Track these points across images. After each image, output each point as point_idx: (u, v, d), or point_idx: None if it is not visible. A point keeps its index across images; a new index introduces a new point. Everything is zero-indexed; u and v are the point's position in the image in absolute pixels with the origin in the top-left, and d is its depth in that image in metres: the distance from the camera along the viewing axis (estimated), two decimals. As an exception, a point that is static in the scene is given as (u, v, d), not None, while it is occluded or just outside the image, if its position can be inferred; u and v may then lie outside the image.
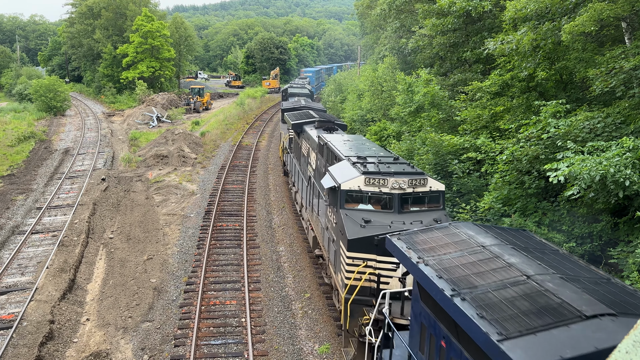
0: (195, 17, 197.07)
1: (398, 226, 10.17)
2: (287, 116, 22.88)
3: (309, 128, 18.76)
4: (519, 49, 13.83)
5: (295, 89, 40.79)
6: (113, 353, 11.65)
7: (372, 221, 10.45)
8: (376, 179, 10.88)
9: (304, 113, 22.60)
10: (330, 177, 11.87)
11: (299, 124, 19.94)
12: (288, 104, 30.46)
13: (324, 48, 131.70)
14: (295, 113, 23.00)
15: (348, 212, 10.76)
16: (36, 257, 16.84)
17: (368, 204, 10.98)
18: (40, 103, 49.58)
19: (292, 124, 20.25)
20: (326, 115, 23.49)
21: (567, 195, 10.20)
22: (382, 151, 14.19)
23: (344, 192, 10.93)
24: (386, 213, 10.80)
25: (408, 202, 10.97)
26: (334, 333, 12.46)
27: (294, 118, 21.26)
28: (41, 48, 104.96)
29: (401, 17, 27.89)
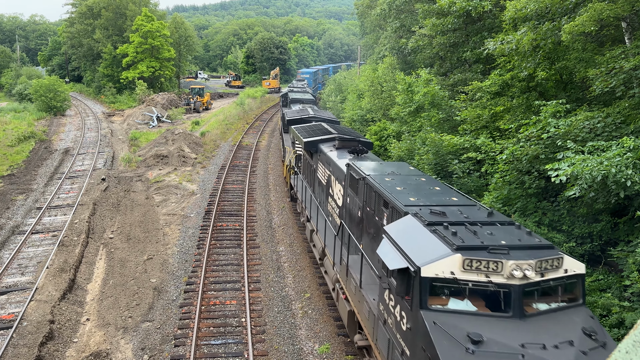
0: (195, 17, 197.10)
1: (535, 353, 5.95)
2: (296, 131, 18.68)
3: (326, 148, 15.21)
4: (519, 49, 13.83)
5: (297, 93, 36.37)
6: (113, 353, 11.66)
7: (485, 341, 6.09)
8: (482, 260, 6.64)
9: (316, 127, 18.64)
10: (395, 249, 7.52)
11: (313, 142, 16.20)
12: (293, 113, 25.86)
13: (324, 48, 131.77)
14: (306, 127, 19.13)
15: (435, 316, 6.56)
16: (36, 257, 16.84)
17: (465, 298, 6.77)
18: (40, 103, 49.57)
19: (305, 142, 16.33)
20: (344, 128, 19.17)
21: (568, 195, 10.20)
22: (454, 193, 9.77)
23: (427, 281, 6.73)
24: (500, 319, 6.57)
25: (533, 297, 6.86)
26: (334, 333, 12.46)
27: (305, 134, 17.40)
28: (41, 48, 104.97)
29: (401, 17, 27.89)
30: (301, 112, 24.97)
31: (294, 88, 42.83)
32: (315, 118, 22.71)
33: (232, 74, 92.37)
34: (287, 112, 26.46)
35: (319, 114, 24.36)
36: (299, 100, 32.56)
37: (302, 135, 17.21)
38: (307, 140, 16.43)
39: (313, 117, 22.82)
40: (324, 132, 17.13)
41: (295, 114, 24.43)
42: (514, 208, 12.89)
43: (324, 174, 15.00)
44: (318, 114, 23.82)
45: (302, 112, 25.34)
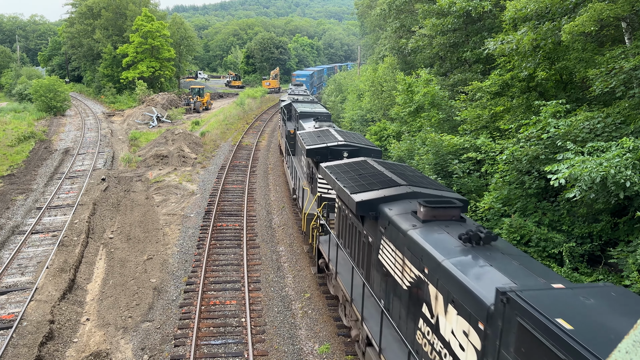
0: (195, 17, 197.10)
1: None
2: (333, 175, 11.63)
3: (400, 217, 8.68)
4: (519, 49, 13.83)
5: (304, 104, 27.78)
6: (113, 353, 11.65)
7: None
8: None
9: (365, 170, 11.52)
10: None
11: (369, 202, 9.56)
12: (310, 137, 17.79)
13: (324, 48, 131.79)
14: (347, 168, 12.02)
15: None
16: (36, 257, 16.84)
17: None
18: (40, 103, 49.57)
19: (358, 203, 9.57)
20: (406, 170, 11.98)
21: (568, 197, 10.20)
22: None
23: None
24: None
25: None
26: (334, 333, 12.46)
27: (351, 184, 10.65)
28: (41, 48, 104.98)
29: (401, 17, 27.89)
30: (324, 137, 17.38)
31: (297, 96, 33.45)
32: (350, 148, 15.81)
33: (232, 74, 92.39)
34: (303, 136, 18.15)
35: (350, 139, 16.86)
36: (311, 114, 24.07)
37: (347, 185, 10.52)
38: (360, 200, 9.54)
39: (345, 147, 15.91)
40: (384, 182, 10.24)
41: (315, 140, 17.10)
42: (514, 208, 12.89)
43: (399, 266, 8.38)
44: (350, 140, 16.58)
45: (325, 136, 17.54)
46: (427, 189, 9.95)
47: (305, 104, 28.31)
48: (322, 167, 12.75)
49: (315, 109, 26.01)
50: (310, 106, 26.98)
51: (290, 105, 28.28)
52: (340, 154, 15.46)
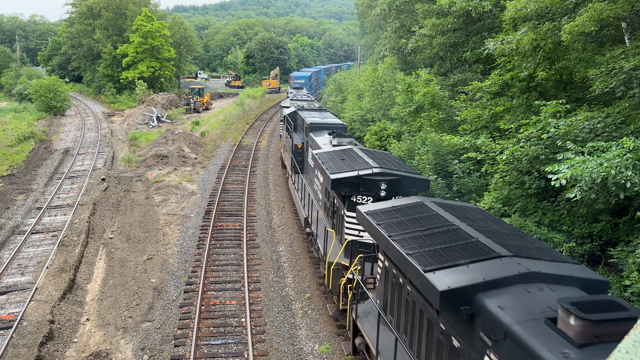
0: (195, 17, 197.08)
1: None
2: (387, 233, 7.86)
3: (543, 346, 4.76)
4: (519, 49, 13.83)
5: (312, 114, 22.91)
6: (113, 353, 11.65)
7: None
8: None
9: (436, 224, 7.85)
10: None
11: (464, 291, 5.91)
12: (329, 159, 13.93)
13: (324, 48, 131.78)
14: (407, 221, 8.20)
15: None
16: (36, 257, 16.84)
17: None
18: (40, 103, 49.57)
19: (445, 294, 5.85)
20: (486, 217, 8.62)
21: (568, 197, 10.20)
22: None
23: None
24: None
25: None
26: (334, 333, 12.46)
27: (428, 255, 6.84)
28: (41, 48, 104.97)
29: (401, 17, 27.90)
30: (350, 160, 13.23)
31: (300, 101, 29.70)
32: (388, 178, 11.79)
33: (232, 74, 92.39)
34: (321, 158, 14.13)
35: (385, 164, 12.68)
36: (323, 127, 19.55)
37: (413, 253, 7.01)
38: (447, 289, 5.97)
39: (383, 176, 11.91)
40: (471, 249, 6.79)
41: (339, 165, 12.96)
42: (514, 208, 12.89)
43: None
44: (386, 166, 12.38)
45: (351, 159, 13.37)
46: (542, 261, 6.42)
47: (314, 112, 23.68)
48: (361, 212, 9.13)
49: (327, 119, 21.50)
50: (320, 115, 22.47)
51: (296, 114, 23.94)
52: (375, 186, 11.73)
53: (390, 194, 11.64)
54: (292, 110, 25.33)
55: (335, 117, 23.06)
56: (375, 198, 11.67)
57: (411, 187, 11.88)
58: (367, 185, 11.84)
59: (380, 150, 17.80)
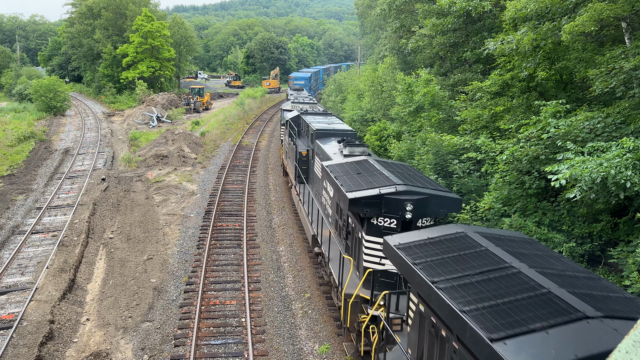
0: (195, 17, 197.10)
1: None
2: (430, 278, 6.26)
3: None
4: (519, 49, 13.82)
5: (318, 119, 20.77)
6: (113, 353, 11.65)
7: None
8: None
9: (495, 268, 6.27)
10: None
11: None
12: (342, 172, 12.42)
13: (324, 48, 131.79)
14: (453, 261, 6.68)
15: None
16: (36, 257, 16.84)
17: None
18: (40, 103, 49.58)
19: None
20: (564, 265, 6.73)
21: (568, 198, 10.20)
22: None
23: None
24: None
25: None
26: (334, 333, 12.46)
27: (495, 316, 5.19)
28: (41, 48, 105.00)
29: (401, 17, 27.89)
30: (367, 175, 11.69)
31: (302, 104, 28.12)
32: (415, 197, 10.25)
33: (232, 74, 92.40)
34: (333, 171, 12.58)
35: (409, 179, 11.27)
36: (331, 133, 17.72)
37: (476, 320, 5.20)
38: None
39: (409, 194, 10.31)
40: (549, 304, 5.28)
41: (355, 181, 11.39)
42: (514, 208, 12.89)
43: None
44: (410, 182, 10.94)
45: (369, 173, 11.81)
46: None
47: (319, 117, 21.73)
48: (389, 246, 7.55)
49: (335, 124, 19.40)
50: (326, 120, 20.46)
51: (299, 119, 22.25)
52: (399, 207, 10.02)
53: (417, 215, 10.04)
54: (295, 114, 23.21)
55: (343, 123, 21.02)
56: (400, 220, 10.03)
57: (440, 208, 10.32)
58: (391, 205, 10.12)
59: (399, 162, 14.12)
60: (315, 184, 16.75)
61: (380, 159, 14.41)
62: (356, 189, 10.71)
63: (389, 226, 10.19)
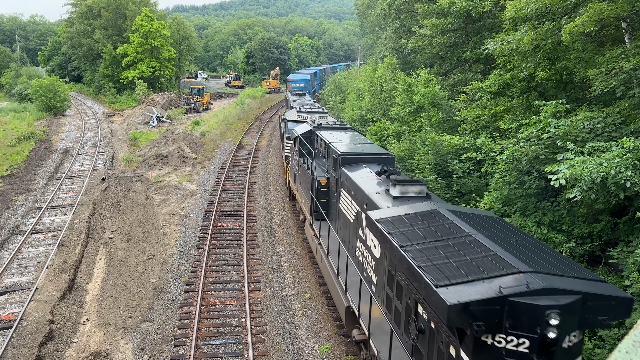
0: (195, 17, 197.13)
1: None
2: None
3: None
4: (519, 49, 13.82)
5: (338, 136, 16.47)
6: (113, 353, 11.65)
7: None
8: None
9: None
10: None
11: None
12: (419, 244, 7.51)
13: (324, 48, 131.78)
14: None
15: None
16: (36, 257, 16.84)
17: None
18: (40, 103, 49.58)
19: None
20: None
21: (568, 197, 10.20)
22: None
23: None
24: None
25: None
26: (334, 333, 12.46)
27: None
28: (41, 48, 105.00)
29: (401, 17, 27.90)
30: (467, 252, 6.98)
31: (310, 114, 24.99)
32: (572, 302, 5.89)
33: (232, 74, 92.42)
34: (392, 232, 8.24)
35: (528, 257, 6.72)
36: (361, 158, 13.61)
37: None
38: None
39: (562, 293, 5.92)
40: None
41: (453, 269, 6.60)
42: (514, 208, 12.89)
43: None
44: (547, 265, 6.58)
45: (468, 250, 7.03)
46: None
47: (337, 133, 17.05)
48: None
49: (362, 144, 15.19)
50: (350, 138, 16.19)
51: (312, 135, 17.78)
52: (536, 318, 5.83)
53: (566, 329, 5.91)
54: (306, 129, 18.49)
55: (371, 142, 16.14)
56: (537, 341, 5.86)
57: (600, 314, 6.11)
58: (521, 315, 5.85)
59: (481, 212, 9.38)
60: (344, 226, 12.54)
61: (451, 206, 9.59)
62: (449, 279, 6.35)
63: (516, 350, 5.94)
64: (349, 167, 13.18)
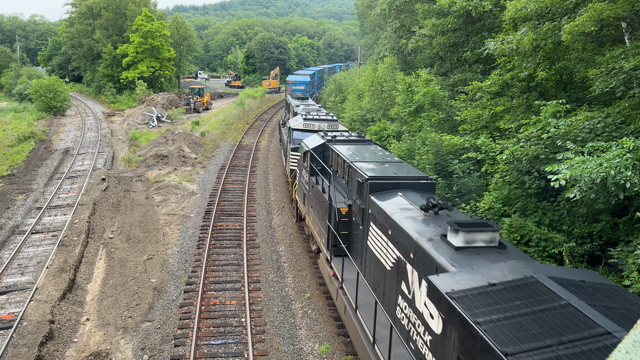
0: (195, 17, 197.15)
1: None
2: None
3: None
4: (519, 49, 13.82)
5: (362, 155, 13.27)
6: (113, 353, 11.66)
7: None
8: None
9: None
10: None
11: None
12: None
13: (324, 48, 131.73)
14: None
15: None
16: (36, 257, 16.84)
17: None
18: (40, 103, 49.59)
19: None
20: None
21: (568, 197, 10.20)
22: None
23: None
24: None
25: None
26: (334, 333, 12.46)
27: None
28: (41, 48, 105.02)
29: (401, 17, 27.90)
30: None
31: (321, 123, 21.70)
32: None
33: (232, 74, 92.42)
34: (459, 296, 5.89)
35: None
36: (396, 183, 10.92)
37: None
38: None
39: None
40: None
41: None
42: (514, 208, 12.89)
43: None
44: None
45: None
46: None
47: (356, 147, 14.42)
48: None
49: (390, 163, 12.54)
50: (373, 155, 13.40)
51: (327, 149, 15.30)
52: None
53: None
54: (318, 142, 15.83)
55: (400, 160, 13.25)
56: None
57: None
58: None
59: (599, 277, 6.71)
60: (375, 271, 10.14)
61: (547, 268, 6.70)
62: None
63: None
64: (379, 195, 10.49)
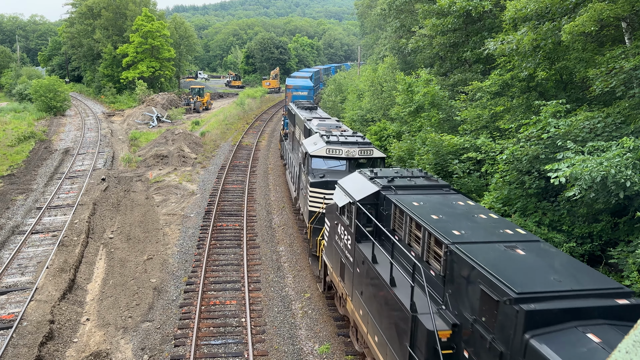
0: (195, 17, 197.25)
1: None
2: None
3: None
4: (519, 49, 13.82)
5: (415, 196, 9.33)
6: (113, 353, 11.66)
7: None
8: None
9: None
10: None
11: None
12: None
13: (324, 48, 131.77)
14: None
15: None
16: (36, 257, 16.84)
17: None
18: (40, 103, 49.59)
19: None
20: None
21: (568, 196, 10.20)
22: None
23: None
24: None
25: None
26: (334, 333, 12.46)
27: None
28: (41, 48, 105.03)
29: (401, 17, 27.90)
30: None
31: (353, 150, 15.50)
32: None
33: (232, 74, 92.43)
34: None
35: None
36: (576, 307, 5.55)
37: None
38: None
39: None
40: None
41: None
42: (514, 208, 12.89)
43: None
44: None
45: None
46: None
47: (433, 199, 9.33)
48: None
49: (521, 243, 7.21)
50: (471, 219, 8.17)
51: (381, 199, 9.85)
52: None
53: None
54: (369, 189, 10.17)
55: (514, 225, 8.19)
56: None
57: None
58: None
59: None
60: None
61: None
62: None
63: None
64: (549, 338, 5.38)
